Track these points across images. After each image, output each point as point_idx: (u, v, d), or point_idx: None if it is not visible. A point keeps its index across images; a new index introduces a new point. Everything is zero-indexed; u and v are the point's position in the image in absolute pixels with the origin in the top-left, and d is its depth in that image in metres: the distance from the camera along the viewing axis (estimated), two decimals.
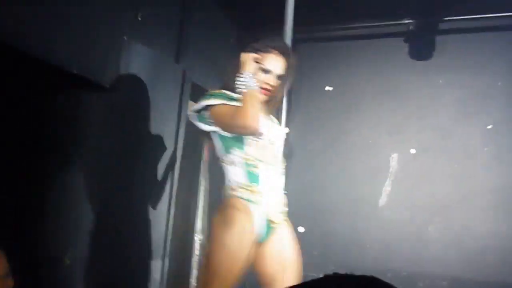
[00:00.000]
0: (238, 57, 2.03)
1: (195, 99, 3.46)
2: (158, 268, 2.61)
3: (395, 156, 3.10)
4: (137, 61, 2.39)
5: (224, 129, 1.95)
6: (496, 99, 2.93)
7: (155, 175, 2.59)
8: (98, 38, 2.12)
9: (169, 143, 2.65)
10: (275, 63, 2.03)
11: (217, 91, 2.01)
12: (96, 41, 2.12)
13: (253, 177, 1.95)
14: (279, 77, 2.04)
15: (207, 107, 1.95)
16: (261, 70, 2.01)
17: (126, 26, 2.31)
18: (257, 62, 2.00)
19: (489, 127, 2.94)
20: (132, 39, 2.33)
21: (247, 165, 1.96)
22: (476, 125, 2.96)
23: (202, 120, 1.98)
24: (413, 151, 3.06)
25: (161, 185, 2.63)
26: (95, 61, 2.11)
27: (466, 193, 2.91)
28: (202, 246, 3.52)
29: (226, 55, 3.43)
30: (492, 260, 2.79)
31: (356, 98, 3.22)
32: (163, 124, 2.59)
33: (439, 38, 3.09)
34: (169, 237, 2.78)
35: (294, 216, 3.22)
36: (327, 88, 3.32)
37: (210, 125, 1.96)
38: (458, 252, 2.87)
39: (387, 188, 3.09)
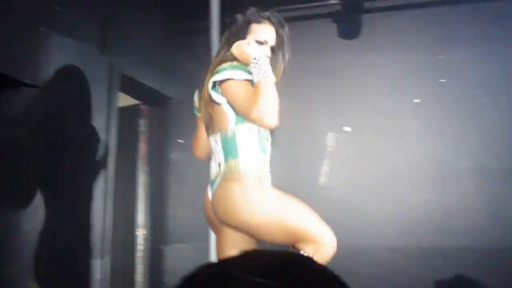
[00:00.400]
0: (236, 22, 1.94)
1: (128, 91, 3.37)
2: (97, 266, 2.52)
3: (331, 135, 3.16)
4: (59, 53, 2.26)
5: (237, 112, 1.82)
6: (423, 74, 3.05)
7: (87, 170, 2.48)
8: (12, 31, 1.98)
9: (100, 136, 2.55)
10: (269, 33, 1.94)
11: (235, 63, 1.84)
12: (11, 35, 1.98)
13: (263, 148, 1.91)
14: (272, 48, 1.96)
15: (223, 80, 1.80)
16: (256, 41, 1.91)
17: (44, 17, 2.18)
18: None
19: (417, 101, 3.06)
20: (52, 30, 2.20)
21: (260, 136, 1.90)
22: (406, 101, 3.07)
23: (215, 90, 1.84)
24: (348, 129, 3.14)
25: (93, 181, 2.53)
26: (11, 55, 1.97)
27: (401, 167, 3.03)
28: (146, 240, 3.45)
29: (157, 45, 3.35)
30: (426, 229, 2.93)
31: (289, 79, 3.23)
32: (92, 117, 2.48)
33: (367, 17, 3.16)
34: (109, 234, 2.69)
35: None
36: None
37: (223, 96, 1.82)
38: (396, 223, 2.98)
39: (325, 167, 3.15)
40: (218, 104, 1.85)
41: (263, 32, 1.93)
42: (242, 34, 1.92)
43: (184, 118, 3.42)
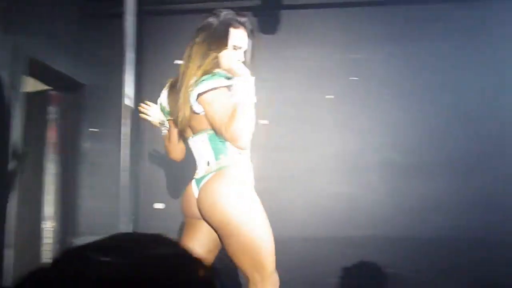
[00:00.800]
0: (212, 26, 1.92)
1: (37, 76, 3.17)
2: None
3: None
4: None
5: (212, 126, 1.82)
6: (334, 71, 3.18)
7: None
8: None
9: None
10: (244, 39, 1.93)
11: (216, 70, 1.83)
12: None
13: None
14: (244, 54, 1.95)
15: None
16: (233, 45, 1.90)
17: None
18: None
19: (330, 97, 3.18)
20: None
21: None
22: (320, 96, 3.18)
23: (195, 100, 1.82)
24: (265, 122, 3.19)
25: None
26: None
27: (315, 160, 3.14)
28: (55, 232, 3.29)
29: (70, 28, 3.18)
30: (338, 218, 3.07)
31: None
32: None
33: (284, 13, 3.22)
34: (12, 226, 2.53)
35: (151, 193, 3.19)
36: (177, 61, 3.26)
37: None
38: (310, 214, 3.10)
39: None
40: (197, 113, 1.85)
41: (240, 38, 1.93)
42: (223, 40, 1.90)
43: (97, 106, 3.29)
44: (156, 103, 3.12)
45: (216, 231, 1.90)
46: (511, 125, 3.05)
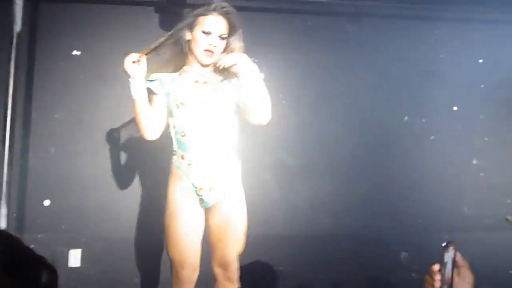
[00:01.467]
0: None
1: None
2: None
3: None
4: None
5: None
6: None
7: None
8: None
9: None
10: (215, 24, 2.13)
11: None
12: None
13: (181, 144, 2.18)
14: (222, 37, 2.15)
15: None
16: (202, 32, 2.13)
17: None
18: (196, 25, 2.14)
19: None
20: None
21: (176, 133, 2.19)
22: None
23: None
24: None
25: None
26: None
27: None
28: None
29: None
30: None
31: (105, 65, 3.12)
32: None
33: (187, 12, 3.20)
34: None
35: (38, 189, 3.01)
36: (74, 52, 3.12)
37: None
38: None
39: None
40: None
41: (208, 23, 2.13)
42: (190, 27, 2.17)
43: None
44: (53, 94, 3.00)
45: None
46: (394, 132, 3.34)
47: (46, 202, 2.98)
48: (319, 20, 3.36)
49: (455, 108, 3.47)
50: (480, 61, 3.51)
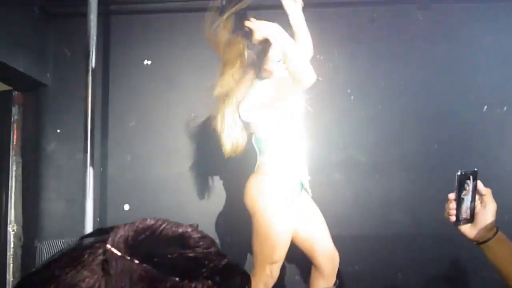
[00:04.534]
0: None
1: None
2: None
3: None
4: None
5: None
6: None
7: None
8: None
9: None
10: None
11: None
12: None
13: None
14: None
15: None
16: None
17: None
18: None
19: None
20: None
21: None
22: None
23: None
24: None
25: None
26: None
27: None
28: (17, 236, 3.23)
29: (31, 27, 3.12)
30: None
31: (176, 71, 3.22)
32: None
33: (253, 14, 3.22)
34: None
35: (119, 194, 3.17)
36: (146, 62, 3.25)
37: None
38: None
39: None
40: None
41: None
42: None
43: (61, 107, 3.25)
44: (127, 103, 3.17)
45: None
46: (472, 123, 3.14)
47: (126, 207, 3.13)
48: (386, 10, 3.24)
49: None
50: None
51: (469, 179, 1.31)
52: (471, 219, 1.30)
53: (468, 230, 1.29)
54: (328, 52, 3.22)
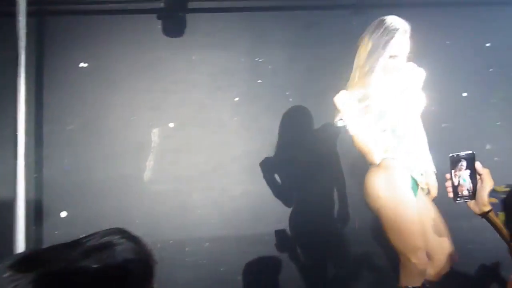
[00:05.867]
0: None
1: None
2: None
3: (156, 131, 3.18)
4: None
5: None
6: (239, 73, 3.26)
7: None
8: None
9: None
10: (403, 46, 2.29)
11: None
12: None
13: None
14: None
15: None
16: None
17: None
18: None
19: (237, 99, 3.26)
20: None
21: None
22: (226, 98, 3.24)
23: None
24: (171, 125, 3.19)
25: None
26: None
27: (222, 160, 3.20)
28: None
29: None
30: (246, 217, 3.15)
31: (113, 74, 3.16)
32: None
33: (190, 16, 3.24)
34: None
35: (55, 201, 3.05)
36: (81, 64, 3.16)
37: None
38: (218, 214, 3.15)
39: (150, 162, 3.16)
40: None
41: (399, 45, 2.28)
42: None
43: None
44: (63, 107, 3.04)
45: None
46: None
47: (63, 214, 3.03)
48: (323, 15, 3.35)
49: (464, 94, 3.43)
50: (488, 44, 3.47)
51: (463, 160, 1.46)
52: (473, 195, 1.46)
53: (472, 205, 1.49)
54: (268, 55, 3.29)
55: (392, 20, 2.28)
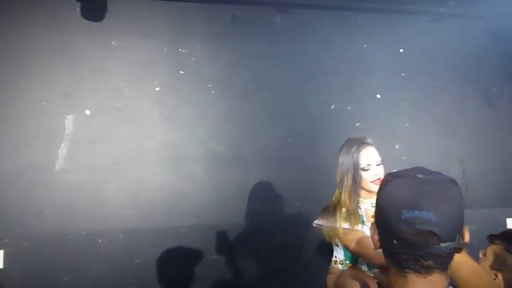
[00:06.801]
0: None
1: None
2: None
3: (70, 117, 3.04)
4: None
5: None
6: (162, 63, 3.20)
7: None
8: None
9: None
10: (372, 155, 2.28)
11: None
12: None
13: None
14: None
15: None
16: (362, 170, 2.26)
17: None
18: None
19: (157, 89, 3.20)
20: None
21: None
22: (146, 87, 3.17)
23: None
24: (88, 112, 3.07)
25: None
26: None
27: (140, 151, 3.13)
28: None
29: None
30: (162, 209, 3.11)
31: (24, 56, 2.98)
32: None
33: (111, 1, 3.12)
34: None
35: None
36: None
37: None
38: (134, 205, 3.08)
39: (63, 150, 3.02)
40: None
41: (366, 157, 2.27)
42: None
43: None
44: None
45: None
46: (322, 119, 3.44)
47: None
48: (247, 10, 3.38)
49: (378, 95, 3.62)
50: (401, 50, 3.68)
51: None
52: None
53: None
54: (190, 46, 3.27)
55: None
